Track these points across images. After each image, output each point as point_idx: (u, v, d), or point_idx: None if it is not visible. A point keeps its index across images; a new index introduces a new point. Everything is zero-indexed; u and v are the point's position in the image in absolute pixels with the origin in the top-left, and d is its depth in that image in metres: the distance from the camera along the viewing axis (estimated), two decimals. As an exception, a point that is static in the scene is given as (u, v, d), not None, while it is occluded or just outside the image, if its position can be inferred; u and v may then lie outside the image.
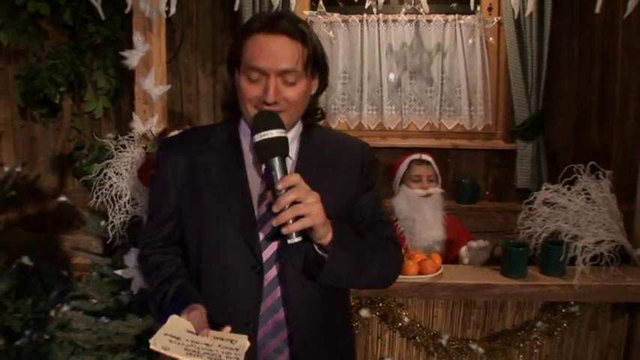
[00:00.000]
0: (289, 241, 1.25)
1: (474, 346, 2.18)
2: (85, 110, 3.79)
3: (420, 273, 2.09)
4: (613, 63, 3.27)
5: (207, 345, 1.20)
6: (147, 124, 2.33)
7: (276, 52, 1.26)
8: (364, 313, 2.16)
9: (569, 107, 3.66)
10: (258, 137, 1.26)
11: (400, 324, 2.19)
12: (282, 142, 1.27)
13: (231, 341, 1.24)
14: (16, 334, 2.81)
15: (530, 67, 3.49)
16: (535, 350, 2.20)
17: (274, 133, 1.25)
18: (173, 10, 2.28)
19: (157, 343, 1.17)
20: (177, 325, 1.24)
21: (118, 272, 2.21)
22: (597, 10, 2.16)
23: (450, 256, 2.50)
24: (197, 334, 1.23)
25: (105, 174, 2.21)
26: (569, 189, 2.14)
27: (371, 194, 1.49)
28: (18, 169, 3.48)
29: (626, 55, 3.16)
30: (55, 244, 3.46)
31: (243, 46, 1.30)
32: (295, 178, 1.25)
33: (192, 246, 1.43)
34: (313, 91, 1.40)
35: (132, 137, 2.31)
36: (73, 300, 2.36)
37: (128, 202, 2.20)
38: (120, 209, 2.19)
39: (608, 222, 2.10)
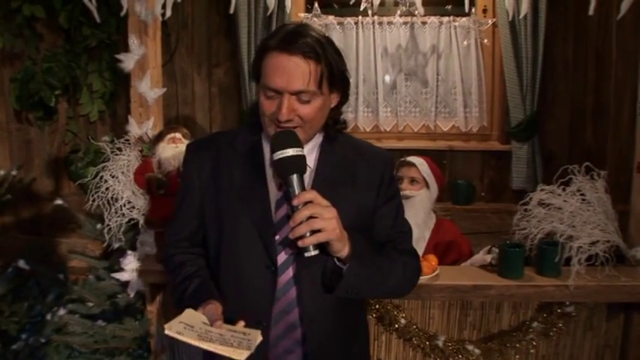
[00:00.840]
0: (306, 254, 1.27)
1: (470, 347, 2.18)
2: (81, 113, 3.79)
3: (416, 274, 2.09)
4: (607, 64, 3.28)
5: (221, 335, 1.24)
6: (143, 126, 2.33)
7: (289, 72, 1.28)
8: (361, 314, 2.16)
9: (564, 108, 3.67)
10: (275, 156, 1.29)
11: (397, 326, 2.19)
12: (299, 159, 1.29)
13: (244, 333, 1.27)
14: (12, 337, 2.80)
15: (525, 68, 3.50)
16: (531, 351, 2.21)
17: (290, 152, 1.28)
18: (169, 13, 2.29)
19: (172, 328, 1.22)
20: (192, 316, 1.29)
21: (115, 275, 2.21)
22: (591, 12, 2.17)
23: (446, 259, 2.49)
24: (211, 326, 1.27)
25: (101, 177, 2.22)
26: (564, 190, 2.15)
27: (391, 205, 1.50)
28: (14, 173, 3.48)
29: (621, 56, 3.17)
30: (51, 247, 3.46)
31: (261, 62, 1.33)
32: (311, 195, 1.27)
33: (211, 244, 1.47)
34: (333, 104, 1.41)
35: (128, 140, 2.31)
36: (69, 303, 2.37)
37: (124, 205, 2.20)
38: (116, 212, 2.20)
39: (603, 222, 2.10)
